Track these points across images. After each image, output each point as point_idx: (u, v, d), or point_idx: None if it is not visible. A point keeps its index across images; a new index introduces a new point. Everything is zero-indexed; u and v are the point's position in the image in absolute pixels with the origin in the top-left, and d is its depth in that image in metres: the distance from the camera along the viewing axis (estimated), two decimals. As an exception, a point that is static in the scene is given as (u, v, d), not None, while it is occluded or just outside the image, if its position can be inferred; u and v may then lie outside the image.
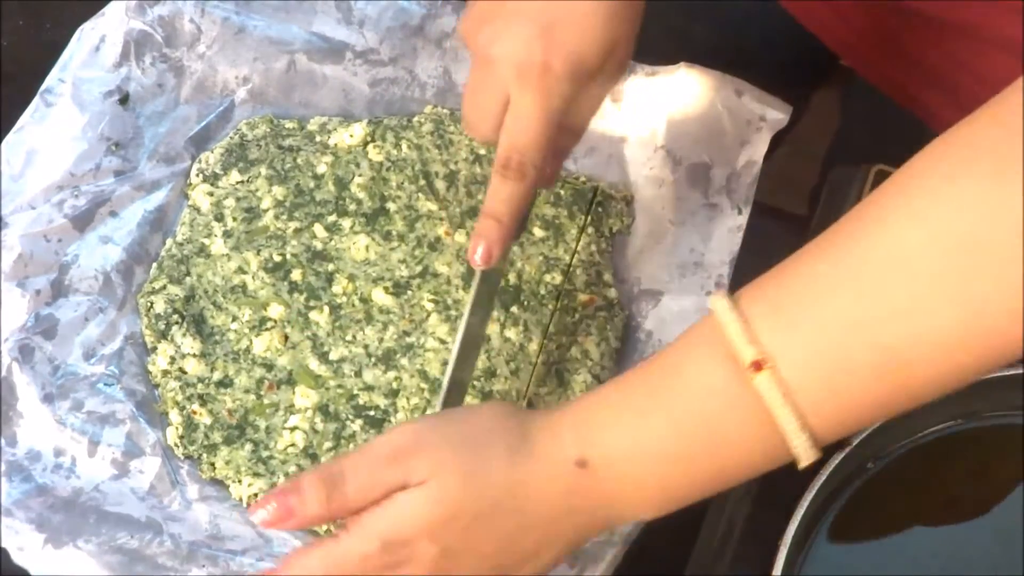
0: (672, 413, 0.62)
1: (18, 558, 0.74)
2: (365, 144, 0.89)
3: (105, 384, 0.80)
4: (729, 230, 0.86)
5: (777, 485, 0.65)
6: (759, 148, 0.88)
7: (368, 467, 0.63)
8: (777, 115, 0.89)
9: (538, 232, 0.87)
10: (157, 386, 0.81)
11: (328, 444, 0.79)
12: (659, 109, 0.90)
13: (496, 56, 0.71)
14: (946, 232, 0.57)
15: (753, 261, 0.80)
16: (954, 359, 0.58)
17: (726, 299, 0.61)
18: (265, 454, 0.79)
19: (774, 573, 0.67)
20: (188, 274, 0.84)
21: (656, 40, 0.81)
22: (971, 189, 0.57)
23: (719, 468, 0.62)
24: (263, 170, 0.88)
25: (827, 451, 0.68)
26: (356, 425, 0.80)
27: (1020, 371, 0.73)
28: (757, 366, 0.59)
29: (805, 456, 0.61)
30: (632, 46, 0.75)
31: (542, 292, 0.85)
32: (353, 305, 0.83)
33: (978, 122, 0.58)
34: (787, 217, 1.08)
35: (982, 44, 0.87)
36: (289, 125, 0.90)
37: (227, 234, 0.85)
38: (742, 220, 0.86)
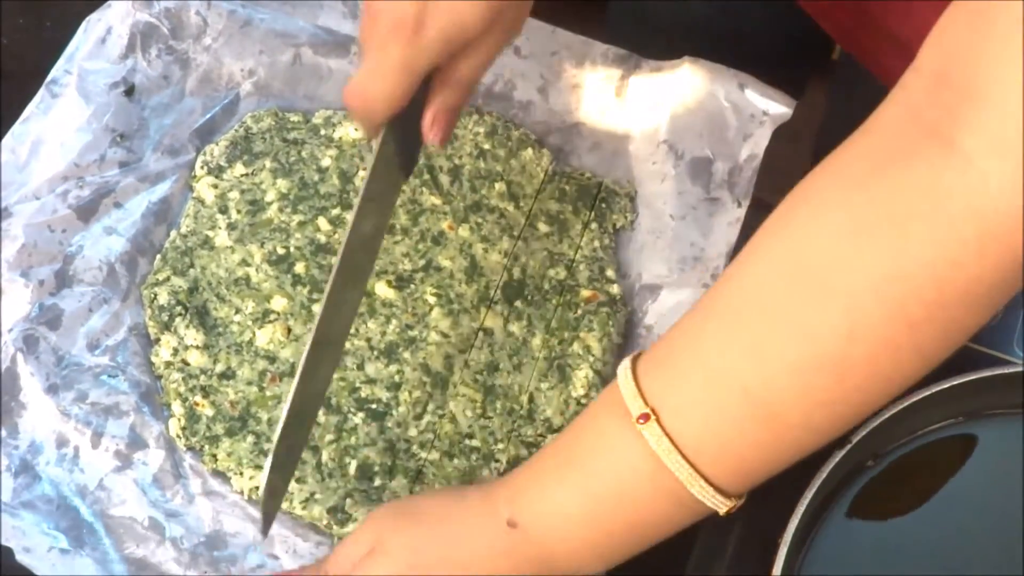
0: (582, 475, 0.66)
1: (22, 558, 0.74)
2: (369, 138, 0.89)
3: (109, 375, 0.80)
4: (728, 224, 0.86)
5: (777, 485, 0.66)
6: (761, 142, 0.88)
7: (339, 552, 0.71)
8: (780, 109, 0.89)
9: (542, 227, 0.87)
10: (160, 377, 0.81)
11: (330, 436, 0.79)
12: (662, 104, 0.90)
13: (378, 8, 0.70)
14: (784, 263, 0.60)
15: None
16: (811, 392, 0.60)
17: (628, 360, 0.65)
18: (267, 446, 0.79)
19: (774, 573, 0.67)
20: (192, 266, 0.84)
21: (654, 23, 0.80)
22: (805, 222, 0.60)
23: (637, 523, 0.66)
24: (267, 163, 0.88)
25: (827, 450, 0.69)
26: (358, 418, 0.80)
27: (1020, 371, 0.73)
28: (644, 418, 0.63)
29: (712, 502, 0.64)
30: (526, 9, 0.74)
31: (546, 287, 0.85)
32: (356, 298, 0.84)
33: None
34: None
35: None
36: (294, 118, 0.90)
37: (231, 226, 0.85)
38: (740, 213, 0.86)
